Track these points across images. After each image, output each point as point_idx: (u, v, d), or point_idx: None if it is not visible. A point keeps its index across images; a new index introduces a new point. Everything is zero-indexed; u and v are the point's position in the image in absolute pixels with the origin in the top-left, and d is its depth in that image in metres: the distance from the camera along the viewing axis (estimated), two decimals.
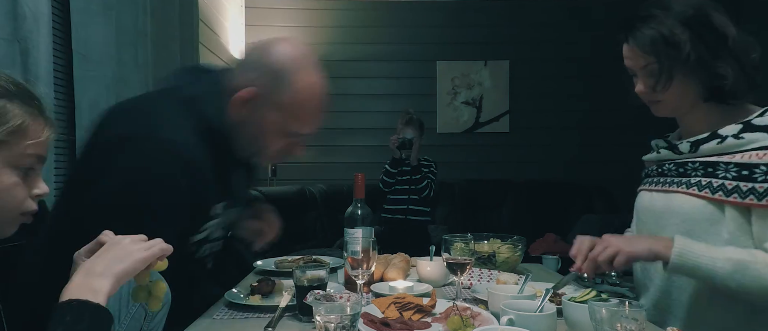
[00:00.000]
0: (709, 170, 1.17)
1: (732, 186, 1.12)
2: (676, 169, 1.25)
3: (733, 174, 1.12)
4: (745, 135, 1.13)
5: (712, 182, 1.15)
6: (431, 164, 3.32)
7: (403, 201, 3.28)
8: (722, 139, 1.15)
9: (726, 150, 1.15)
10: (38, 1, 1.65)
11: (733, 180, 1.12)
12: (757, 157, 1.10)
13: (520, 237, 1.78)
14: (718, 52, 1.14)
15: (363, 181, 1.44)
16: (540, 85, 4.66)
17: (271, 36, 1.29)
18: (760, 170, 1.09)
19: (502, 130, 4.69)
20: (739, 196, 1.11)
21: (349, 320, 0.96)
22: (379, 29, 4.65)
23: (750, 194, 1.09)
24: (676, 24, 1.15)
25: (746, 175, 1.10)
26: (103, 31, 2.06)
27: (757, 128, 1.12)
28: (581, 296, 1.11)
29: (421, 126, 3.30)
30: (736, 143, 1.13)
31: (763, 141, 1.10)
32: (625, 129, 3.88)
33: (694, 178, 1.20)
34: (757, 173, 1.09)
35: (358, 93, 4.66)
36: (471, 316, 1.10)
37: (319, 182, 4.29)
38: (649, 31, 1.17)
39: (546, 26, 4.64)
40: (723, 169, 1.14)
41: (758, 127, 1.12)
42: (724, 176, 1.13)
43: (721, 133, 1.16)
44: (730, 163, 1.13)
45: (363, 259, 1.25)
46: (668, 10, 1.17)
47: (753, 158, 1.10)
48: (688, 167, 1.22)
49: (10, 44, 1.58)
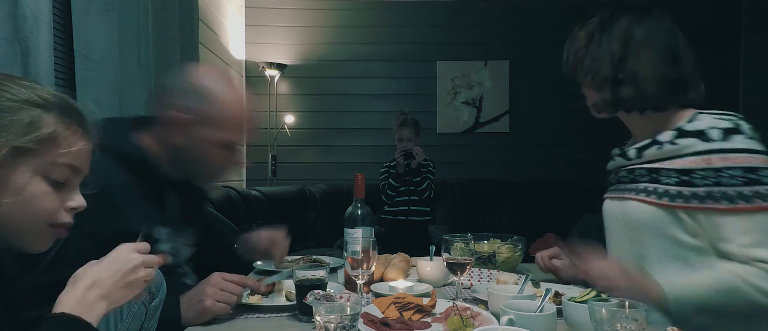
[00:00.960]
0: (654, 176, 1.23)
1: (675, 191, 1.17)
2: (627, 175, 1.31)
3: (674, 179, 1.18)
4: (678, 141, 1.19)
5: (657, 188, 1.21)
6: (429, 163, 3.32)
7: (403, 203, 3.27)
8: (660, 145, 1.22)
9: (665, 155, 1.21)
10: (39, 1, 1.65)
11: (676, 185, 1.17)
12: (693, 162, 1.16)
13: (520, 237, 1.78)
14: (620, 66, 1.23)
15: (363, 181, 1.45)
16: (540, 85, 4.66)
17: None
18: (698, 175, 1.15)
19: (502, 130, 4.69)
20: (683, 200, 1.16)
21: (349, 320, 0.97)
22: (379, 29, 4.65)
23: (693, 199, 1.15)
24: (582, 39, 1.32)
25: (686, 180, 1.16)
26: (105, 31, 2.05)
27: (689, 134, 1.18)
28: (581, 296, 1.11)
29: (416, 125, 3.30)
30: (672, 149, 1.20)
31: (695, 146, 1.16)
32: (625, 129, 3.87)
33: (641, 183, 1.25)
34: (696, 177, 1.15)
35: (358, 93, 4.67)
36: (471, 316, 1.10)
37: (319, 182, 4.30)
38: (566, 50, 1.38)
39: (546, 26, 4.63)
40: (665, 175, 1.20)
41: (690, 132, 1.18)
42: (667, 181, 1.19)
43: (659, 140, 1.23)
44: (671, 170, 1.19)
45: (363, 259, 1.25)
46: (585, 26, 1.34)
47: (690, 164, 1.16)
48: (636, 173, 1.28)
49: (10, 44, 1.58)
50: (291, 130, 4.56)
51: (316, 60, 4.61)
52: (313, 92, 4.63)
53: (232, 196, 3.16)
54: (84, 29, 2.02)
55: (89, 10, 2.03)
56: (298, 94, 4.62)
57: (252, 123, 1.37)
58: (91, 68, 2.02)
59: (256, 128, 1.38)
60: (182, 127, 1.26)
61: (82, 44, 2.01)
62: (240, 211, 3.13)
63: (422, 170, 3.25)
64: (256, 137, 1.43)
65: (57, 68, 1.91)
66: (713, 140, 1.15)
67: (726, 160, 1.13)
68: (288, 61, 4.50)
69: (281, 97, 4.57)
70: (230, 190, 3.25)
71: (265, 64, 4.35)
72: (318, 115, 4.64)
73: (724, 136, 1.15)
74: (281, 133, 4.54)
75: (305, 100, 4.63)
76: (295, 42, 4.58)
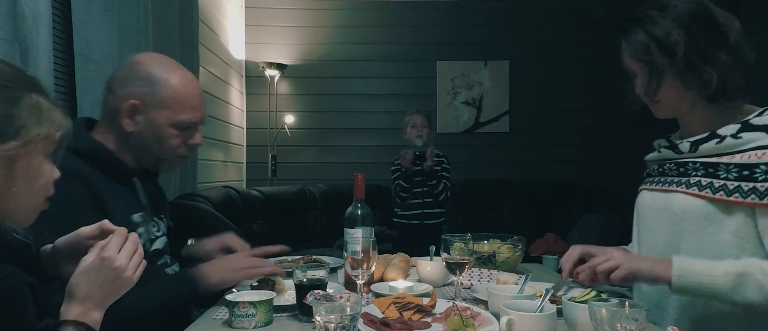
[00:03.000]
0: (710, 170, 1.16)
1: (733, 186, 1.11)
2: (676, 168, 1.25)
3: (734, 174, 1.12)
4: (743, 135, 1.13)
5: (712, 182, 1.15)
6: (443, 160, 3.15)
7: (418, 206, 3.14)
8: (721, 139, 1.15)
9: (725, 150, 1.15)
10: (38, 1, 1.65)
11: (735, 180, 1.11)
12: (756, 157, 1.10)
13: (520, 237, 1.78)
14: (713, 53, 1.13)
15: (363, 181, 1.44)
16: (540, 85, 4.66)
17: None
18: (760, 170, 1.09)
19: (502, 130, 4.69)
20: (740, 195, 1.10)
21: (349, 320, 0.96)
22: (379, 29, 4.65)
23: (752, 194, 1.09)
24: (671, 24, 1.15)
25: (747, 175, 1.10)
26: (105, 31, 2.05)
27: (755, 128, 1.12)
28: (581, 296, 1.11)
29: (429, 122, 3.15)
30: (734, 143, 1.13)
31: (761, 140, 1.10)
32: (625, 129, 3.88)
33: (694, 177, 1.19)
34: (758, 173, 1.09)
35: (358, 93, 4.67)
36: (471, 316, 1.10)
37: (319, 182, 4.29)
38: (641, 36, 1.17)
39: (546, 26, 4.64)
40: (724, 169, 1.14)
41: (756, 126, 1.12)
42: (726, 176, 1.13)
43: (719, 133, 1.16)
44: (730, 164, 1.13)
45: (363, 259, 1.25)
46: (665, 10, 1.17)
47: (752, 158, 1.10)
48: (688, 167, 1.21)
49: (10, 44, 1.58)
50: (291, 130, 4.56)
51: (316, 60, 4.61)
52: (313, 92, 4.63)
53: (232, 196, 3.16)
54: (84, 29, 2.02)
55: (89, 10, 2.02)
56: (298, 94, 4.62)
57: (203, 102, 1.39)
58: (91, 68, 2.02)
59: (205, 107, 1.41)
60: (134, 113, 1.30)
61: (82, 44, 2.01)
62: (240, 211, 3.13)
63: (436, 169, 3.09)
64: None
65: (57, 68, 1.91)
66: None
67: None
68: (288, 61, 4.50)
69: (281, 97, 4.57)
70: (230, 190, 3.25)
71: (265, 64, 4.35)
72: (318, 115, 4.64)
73: None
74: (281, 133, 4.54)
75: (305, 100, 4.63)
76: (295, 42, 4.58)
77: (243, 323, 1.13)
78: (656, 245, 1.28)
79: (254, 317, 1.13)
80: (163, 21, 2.46)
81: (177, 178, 2.70)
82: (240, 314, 1.13)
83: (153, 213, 1.42)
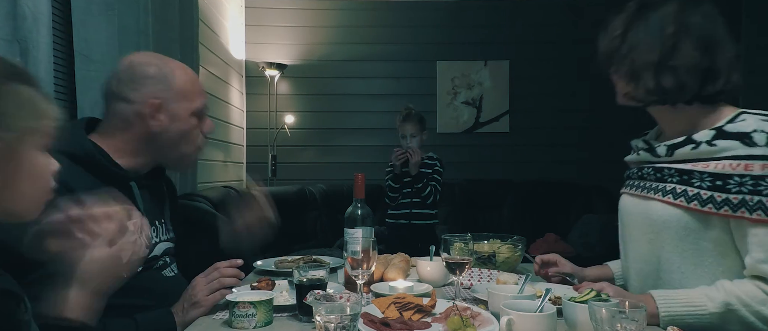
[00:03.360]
0: (685, 177, 1.16)
1: (707, 196, 1.12)
2: (654, 173, 1.25)
3: (707, 184, 1.12)
4: (718, 142, 1.12)
5: (687, 190, 1.15)
6: (435, 162, 3.13)
7: (405, 206, 3.13)
8: (696, 145, 1.15)
9: (700, 156, 1.15)
10: (38, 1, 1.65)
11: (708, 190, 1.12)
12: (731, 168, 1.09)
13: (520, 237, 1.78)
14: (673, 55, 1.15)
15: (363, 181, 1.45)
16: (540, 85, 4.66)
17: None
18: (734, 181, 1.08)
19: (502, 130, 4.69)
20: (714, 206, 1.11)
21: (349, 320, 0.96)
22: (379, 29, 4.65)
23: (725, 206, 1.09)
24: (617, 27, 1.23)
25: (720, 185, 1.10)
26: (105, 31, 2.05)
27: (729, 136, 1.12)
28: (581, 296, 1.11)
29: (421, 121, 3.12)
30: (709, 150, 1.13)
31: (735, 150, 1.10)
32: (625, 129, 3.87)
33: (669, 184, 1.19)
34: (731, 184, 1.09)
35: (358, 93, 4.67)
36: (471, 316, 1.10)
37: (319, 182, 4.29)
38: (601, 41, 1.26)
39: (546, 26, 4.64)
40: (697, 178, 1.14)
41: (730, 134, 1.12)
42: (699, 184, 1.13)
43: (695, 139, 1.16)
44: (704, 173, 1.13)
45: (363, 259, 1.25)
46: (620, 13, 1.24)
47: (727, 168, 1.10)
48: (665, 172, 1.22)
49: (9, 44, 1.58)
50: (291, 130, 4.56)
51: (316, 60, 4.61)
52: (313, 92, 4.63)
53: (232, 196, 3.16)
54: (84, 29, 2.02)
55: (89, 10, 2.02)
56: (298, 94, 4.62)
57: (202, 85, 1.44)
58: (91, 68, 2.02)
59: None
60: (158, 112, 1.31)
61: (81, 44, 2.01)
62: None
63: (427, 172, 3.06)
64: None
65: (56, 68, 1.91)
66: (758, 146, 1.07)
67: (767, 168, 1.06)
68: (288, 61, 4.50)
69: (281, 97, 4.57)
70: (230, 190, 3.25)
71: (265, 64, 4.35)
72: (318, 115, 4.64)
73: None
74: (281, 133, 4.54)
75: (305, 100, 4.63)
76: (295, 42, 4.58)
77: (243, 323, 1.13)
78: (641, 252, 1.29)
79: (254, 317, 1.13)
80: (163, 21, 2.46)
81: (177, 178, 2.70)
82: (240, 314, 1.13)
83: (153, 217, 1.40)
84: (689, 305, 1.11)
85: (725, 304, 1.09)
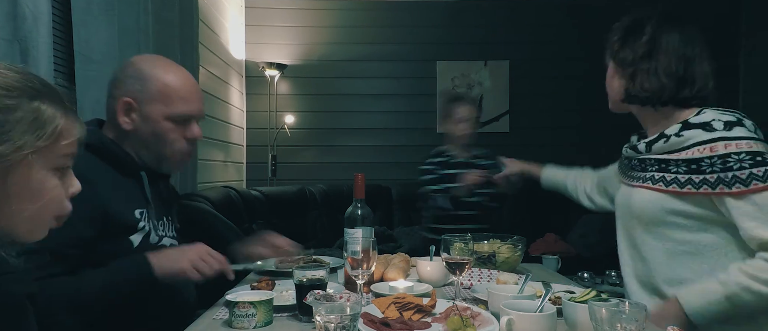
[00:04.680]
0: (663, 165, 1.29)
1: (684, 179, 1.23)
2: (639, 165, 1.38)
3: (683, 169, 1.24)
4: (684, 133, 1.25)
5: (665, 176, 1.27)
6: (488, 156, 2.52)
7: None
8: (667, 138, 1.28)
9: (672, 148, 1.27)
10: (38, 1, 1.65)
11: (685, 174, 1.23)
12: (699, 152, 1.21)
13: (520, 237, 1.78)
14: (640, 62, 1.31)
15: (363, 181, 1.45)
16: (540, 85, 4.66)
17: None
18: (705, 163, 1.20)
19: (502, 130, 4.69)
20: (692, 187, 1.22)
21: (349, 320, 0.96)
22: (379, 29, 4.65)
23: (703, 185, 1.20)
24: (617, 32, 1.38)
25: (695, 168, 1.22)
26: (105, 31, 2.05)
27: (693, 126, 1.24)
28: (581, 296, 1.11)
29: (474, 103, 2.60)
30: (678, 141, 1.25)
31: (699, 137, 1.22)
32: (624, 129, 3.87)
33: (649, 172, 1.32)
34: (704, 165, 1.20)
35: (358, 93, 4.66)
36: (471, 316, 1.10)
37: (319, 182, 4.29)
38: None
39: (546, 26, 4.64)
40: (674, 165, 1.26)
41: (694, 124, 1.24)
42: (676, 171, 1.25)
43: (666, 133, 1.29)
44: (678, 160, 1.25)
45: (363, 259, 1.25)
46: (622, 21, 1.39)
47: (696, 154, 1.22)
48: (646, 163, 1.35)
49: (10, 44, 1.58)
50: (291, 130, 4.56)
51: (316, 60, 4.61)
52: (313, 92, 4.63)
53: (231, 196, 3.16)
54: (84, 29, 2.02)
55: (89, 10, 2.02)
56: (298, 94, 4.62)
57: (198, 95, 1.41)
58: (91, 68, 2.02)
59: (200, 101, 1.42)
60: (129, 111, 1.33)
61: (82, 44, 2.01)
62: (240, 211, 3.13)
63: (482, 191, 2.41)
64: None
65: (56, 68, 1.91)
66: (716, 130, 1.20)
67: (729, 147, 1.18)
68: (288, 61, 4.50)
69: (281, 97, 4.57)
70: (230, 190, 3.25)
71: (265, 64, 4.34)
72: (318, 115, 4.64)
73: (726, 127, 1.20)
74: (281, 133, 4.54)
75: (305, 100, 4.63)
76: (295, 42, 4.58)
77: (243, 323, 1.13)
78: (632, 236, 1.38)
79: (254, 317, 1.13)
80: (163, 21, 2.46)
81: (177, 178, 2.70)
82: (240, 314, 1.13)
83: (161, 212, 1.42)
84: (705, 293, 1.19)
85: (736, 283, 1.16)
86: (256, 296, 1.17)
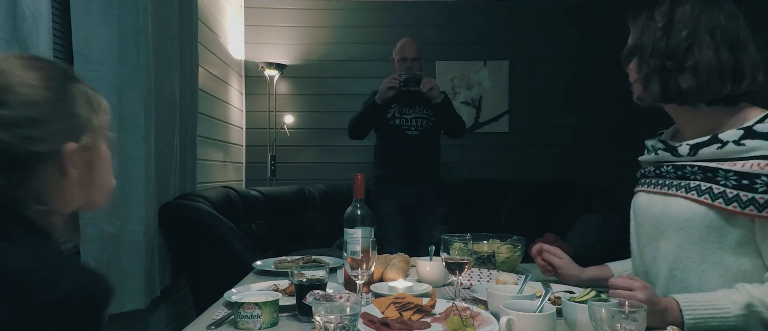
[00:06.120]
0: (709, 175, 1.14)
1: (732, 195, 1.10)
2: (674, 171, 1.23)
3: (733, 182, 1.10)
4: (746, 142, 1.10)
5: (712, 188, 1.13)
6: None
7: None
8: (723, 144, 1.13)
9: (726, 156, 1.13)
10: (38, 1, 1.65)
11: (733, 188, 1.10)
12: (758, 167, 1.08)
13: (520, 237, 1.78)
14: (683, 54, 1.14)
15: (363, 181, 1.45)
16: (539, 85, 4.66)
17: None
18: (761, 181, 1.07)
19: (502, 130, 4.69)
20: (739, 205, 1.09)
21: (349, 320, 0.96)
22: (379, 29, 4.65)
23: (750, 205, 1.08)
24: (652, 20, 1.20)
25: (746, 184, 1.08)
26: (105, 32, 2.05)
27: (758, 135, 1.10)
28: (581, 296, 1.11)
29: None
30: (736, 150, 1.11)
31: (763, 149, 1.08)
32: (624, 129, 3.88)
33: (693, 182, 1.17)
34: (758, 184, 1.07)
35: (358, 93, 4.65)
36: (471, 316, 1.10)
37: (319, 182, 4.29)
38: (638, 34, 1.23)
39: (545, 26, 4.64)
40: (722, 176, 1.12)
41: (759, 134, 1.10)
42: (725, 183, 1.11)
43: (721, 139, 1.14)
44: (729, 171, 1.11)
45: (362, 259, 1.25)
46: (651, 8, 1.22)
47: (754, 168, 1.08)
48: (686, 171, 1.20)
49: (9, 44, 1.58)
50: (290, 130, 4.55)
51: (316, 60, 4.61)
52: (313, 92, 4.63)
53: (231, 196, 3.16)
54: (83, 29, 2.02)
55: (88, 10, 2.02)
56: (298, 94, 4.62)
57: None
58: (91, 68, 2.02)
59: None
60: None
61: (81, 44, 2.01)
62: (239, 211, 3.13)
63: None
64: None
65: None
66: None
67: None
68: (287, 61, 4.50)
69: (281, 97, 4.57)
70: (229, 190, 3.25)
71: (265, 64, 4.34)
72: (318, 115, 4.64)
73: None
74: (281, 133, 4.54)
75: (305, 100, 4.63)
76: (294, 42, 4.58)
77: (248, 324, 1.13)
78: (654, 249, 1.26)
79: (259, 318, 1.13)
80: (163, 21, 2.46)
81: (177, 178, 2.70)
82: (245, 315, 1.13)
83: None
84: (713, 308, 1.09)
85: (747, 305, 1.07)
86: (262, 297, 1.17)
